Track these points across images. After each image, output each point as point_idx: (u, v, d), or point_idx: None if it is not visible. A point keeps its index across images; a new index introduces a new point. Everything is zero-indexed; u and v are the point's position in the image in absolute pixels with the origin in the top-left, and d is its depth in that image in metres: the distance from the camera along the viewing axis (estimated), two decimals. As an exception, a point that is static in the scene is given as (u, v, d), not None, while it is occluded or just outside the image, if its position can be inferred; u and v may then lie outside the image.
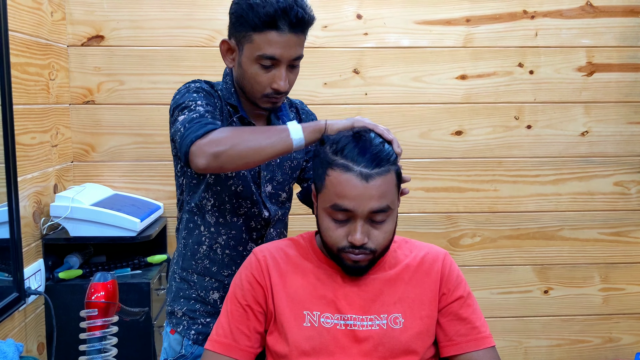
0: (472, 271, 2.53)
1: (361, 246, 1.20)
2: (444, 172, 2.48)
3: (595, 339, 2.62)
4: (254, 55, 1.37)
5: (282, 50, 1.36)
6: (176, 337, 1.54)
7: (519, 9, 2.43)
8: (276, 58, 1.37)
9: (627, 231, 2.57)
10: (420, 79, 2.43)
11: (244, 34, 1.38)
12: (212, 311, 1.53)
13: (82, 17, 2.31)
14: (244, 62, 1.40)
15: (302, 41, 1.40)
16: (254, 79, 1.40)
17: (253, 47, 1.37)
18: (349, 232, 1.21)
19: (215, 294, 1.53)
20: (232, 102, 1.47)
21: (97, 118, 2.35)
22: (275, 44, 1.35)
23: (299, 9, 1.34)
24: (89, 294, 1.38)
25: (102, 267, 2.16)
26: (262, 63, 1.37)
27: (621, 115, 2.50)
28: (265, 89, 1.40)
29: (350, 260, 1.22)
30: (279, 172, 1.55)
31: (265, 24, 1.33)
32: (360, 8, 2.39)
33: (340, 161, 1.19)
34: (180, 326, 1.54)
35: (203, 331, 1.52)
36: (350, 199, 1.18)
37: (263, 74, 1.39)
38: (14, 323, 1.90)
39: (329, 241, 1.24)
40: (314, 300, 1.25)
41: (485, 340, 1.28)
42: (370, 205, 1.18)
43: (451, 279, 1.30)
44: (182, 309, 1.54)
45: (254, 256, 1.32)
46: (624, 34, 2.46)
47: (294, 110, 1.63)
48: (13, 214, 1.83)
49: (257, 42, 1.36)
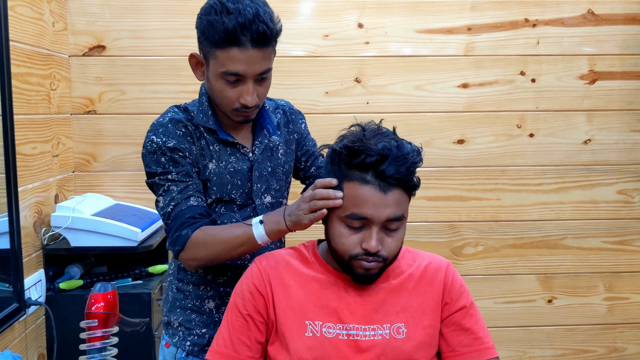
0: (476, 280, 2.51)
1: (375, 253, 1.20)
2: (446, 180, 2.48)
3: (599, 348, 2.60)
4: (219, 71, 1.35)
5: (245, 66, 1.33)
6: (170, 350, 1.53)
7: (520, 18, 2.42)
8: (240, 74, 1.34)
9: (631, 240, 2.55)
10: (422, 88, 2.42)
11: (207, 49, 1.36)
12: (207, 321, 1.52)
13: (83, 27, 2.31)
14: (211, 77, 1.39)
15: (267, 54, 1.35)
16: (221, 94, 1.38)
17: (217, 64, 1.35)
18: (362, 239, 1.21)
19: (210, 302, 1.52)
20: (210, 125, 1.45)
21: (99, 128, 2.35)
22: (237, 61, 1.32)
23: (259, 24, 1.29)
24: (89, 304, 1.37)
25: (103, 277, 2.15)
26: (227, 79, 1.35)
27: (624, 123, 2.49)
28: (234, 103, 1.38)
29: (362, 269, 1.22)
30: (273, 180, 1.54)
31: (225, 41, 1.31)
32: (362, 17, 2.39)
33: (359, 174, 1.20)
34: (176, 337, 1.53)
35: (198, 342, 1.51)
36: (368, 208, 1.18)
37: (229, 89, 1.36)
38: (14, 334, 1.89)
39: (340, 248, 1.23)
40: (316, 310, 1.24)
41: (488, 351, 1.27)
42: (387, 213, 1.19)
43: (454, 289, 1.30)
44: (178, 319, 1.53)
45: (255, 265, 1.31)
46: (626, 42, 2.45)
47: (280, 112, 1.60)
48: (14, 224, 1.83)
49: (220, 58, 1.33)
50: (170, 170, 1.40)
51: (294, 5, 2.37)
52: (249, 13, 1.29)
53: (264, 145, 1.52)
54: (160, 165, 1.41)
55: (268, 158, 1.53)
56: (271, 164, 1.53)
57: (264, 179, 1.52)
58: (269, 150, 1.53)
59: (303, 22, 2.37)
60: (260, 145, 1.51)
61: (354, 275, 1.24)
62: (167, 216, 1.41)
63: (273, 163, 1.53)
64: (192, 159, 1.43)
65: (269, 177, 1.53)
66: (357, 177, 1.19)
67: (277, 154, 1.55)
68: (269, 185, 1.53)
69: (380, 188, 1.18)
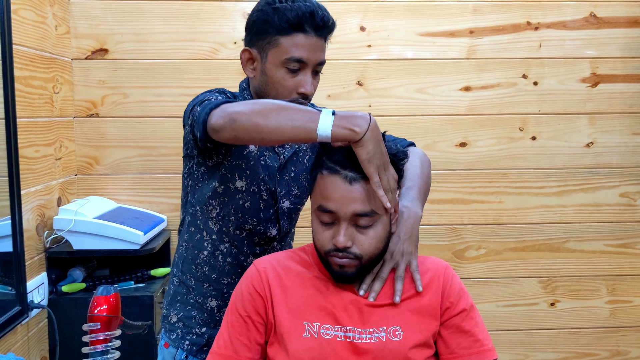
0: (478, 284, 2.51)
1: (344, 250, 1.20)
2: (448, 183, 2.48)
3: (602, 352, 2.59)
4: (281, 59, 1.37)
5: (308, 53, 1.37)
6: (170, 351, 1.52)
7: (522, 21, 2.43)
8: (303, 61, 1.37)
9: (633, 243, 2.55)
10: (424, 91, 2.43)
11: (268, 39, 1.37)
12: (208, 320, 1.51)
13: (86, 30, 2.32)
14: (269, 69, 1.39)
15: (325, 47, 1.42)
16: (279, 83, 1.39)
17: (279, 51, 1.37)
18: (333, 235, 1.21)
19: (213, 301, 1.51)
20: None
21: (101, 131, 2.36)
22: (302, 47, 1.36)
23: (324, 13, 1.38)
24: (92, 307, 1.37)
25: (105, 280, 2.15)
26: (289, 67, 1.37)
27: (626, 126, 2.49)
28: (292, 93, 1.40)
29: (336, 265, 1.22)
30: (295, 186, 1.53)
31: (292, 26, 1.35)
32: (364, 20, 2.39)
33: (329, 164, 1.20)
34: (174, 334, 1.52)
35: (197, 342, 1.50)
36: (333, 201, 1.19)
37: (289, 78, 1.38)
38: (17, 337, 1.89)
39: (317, 244, 1.25)
40: (314, 312, 1.25)
41: (488, 353, 1.26)
42: (353, 208, 1.18)
43: (453, 292, 1.29)
44: (177, 314, 1.52)
45: (255, 267, 1.32)
46: (628, 45, 2.45)
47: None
48: (16, 227, 1.83)
49: (284, 45, 1.36)
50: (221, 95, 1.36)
51: (296, 8, 2.37)
52: (311, 4, 1.37)
53: (293, 150, 1.52)
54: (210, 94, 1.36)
55: (293, 163, 1.52)
56: (295, 169, 1.52)
57: (285, 182, 1.51)
58: (295, 154, 1.53)
59: (305, 26, 2.38)
60: (290, 150, 1.51)
61: (331, 272, 1.25)
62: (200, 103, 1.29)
63: (298, 169, 1.53)
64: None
65: (291, 182, 1.52)
66: (328, 167, 1.20)
67: (303, 160, 1.55)
68: (290, 190, 1.52)
69: (347, 179, 1.18)
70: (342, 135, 1.13)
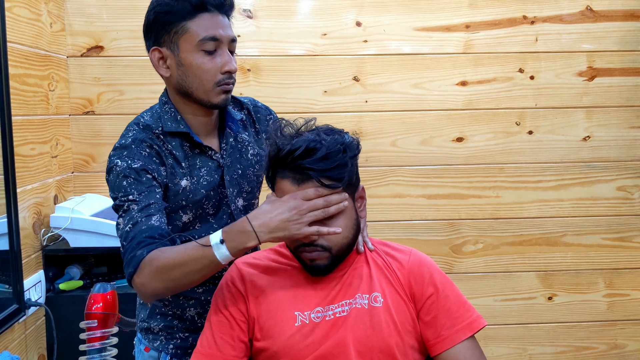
0: (475, 278, 2.51)
1: (310, 243, 1.22)
2: (445, 179, 2.47)
3: (600, 345, 2.59)
4: (195, 42, 1.35)
5: (219, 30, 1.36)
6: (152, 354, 1.49)
7: (518, 15, 2.42)
8: (217, 38, 1.36)
9: (631, 236, 2.55)
10: (420, 86, 2.42)
11: (175, 29, 1.36)
12: (190, 327, 1.49)
13: (81, 27, 2.31)
14: (185, 58, 1.37)
15: (231, 25, 1.41)
16: (200, 69, 1.36)
17: (190, 36, 1.35)
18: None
19: (192, 310, 1.49)
20: (182, 129, 1.41)
21: (97, 128, 2.35)
22: (211, 26, 1.35)
23: None
24: (89, 305, 1.37)
25: (102, 277, 2.15)
26: (204, 49, 1.35)
27: (623, 119, 2.49)
28: (216, 75, 1.37)
29: (307, 260, 1.25)
30: (244, 183, 1.51)
31: (196, 7, 1.34)
32: (360, 15, 2.38)
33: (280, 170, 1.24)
34: (157, 341, 1.49)
35: (182, 345, 1.49)
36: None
37: (208, 61, 1.36)
38: (14, 335, 1.89)
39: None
40: (304, 300, 1.27)
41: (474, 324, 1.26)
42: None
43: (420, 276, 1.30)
44: (158, 325, 1.50)
45: (235, 266, 1.34)
46: (625, 38, 2.45)
47: (245, 112, 1.57)
48: (13, 225, 1.83)
49: (193, 28, 1.35)
50: (131, 192, 1.31)
51: (292, 4, 2.37)
52: None
53: (231, 147, 1.49)
54: (123, 188, 1.32)
55: (237, 160, 1.49)
56: (241, 166, 1.50)
57: (235, 182, 1.48)
58: (237, 151, 1.50)
59: (301, 21, 2.37)
60: (227, 147, 1.48)
61: (305, 267, 1.28)
62: (125, 237, 1.29)
63: (243, 165, 1.50)
64: (160, 180, 1.36)
65: (240, 179, 1.50)
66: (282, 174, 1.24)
67: (247, 155, 1.52)
68: (241, 188, 1.50)
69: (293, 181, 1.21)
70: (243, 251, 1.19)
